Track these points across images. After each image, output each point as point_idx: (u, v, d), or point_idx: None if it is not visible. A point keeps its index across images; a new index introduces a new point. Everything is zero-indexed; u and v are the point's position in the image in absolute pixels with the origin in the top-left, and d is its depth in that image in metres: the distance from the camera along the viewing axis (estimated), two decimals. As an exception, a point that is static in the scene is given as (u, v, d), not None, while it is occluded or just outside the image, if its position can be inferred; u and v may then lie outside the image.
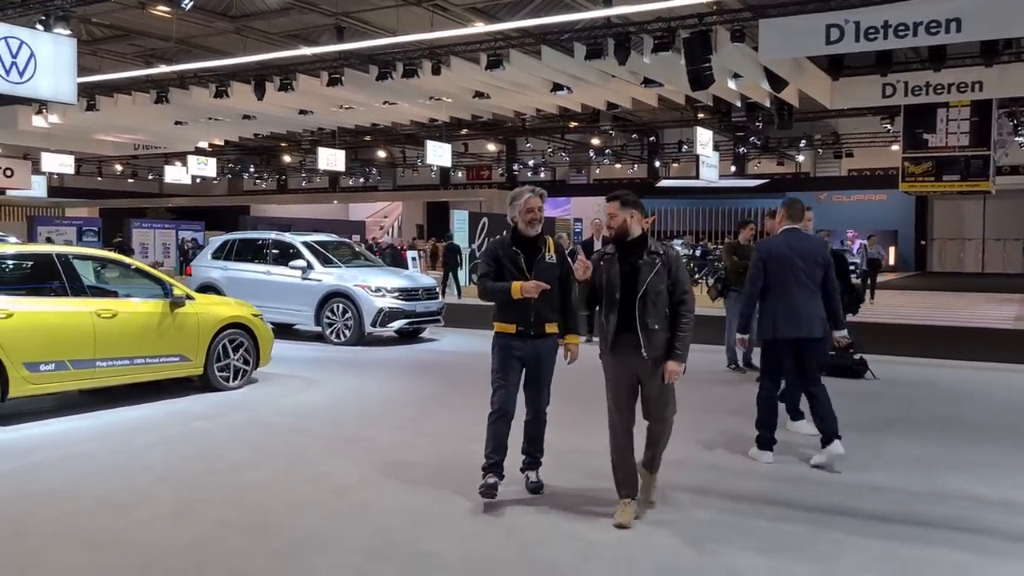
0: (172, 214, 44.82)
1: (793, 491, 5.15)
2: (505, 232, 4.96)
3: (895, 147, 27.06)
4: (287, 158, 41.91)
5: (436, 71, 16.70)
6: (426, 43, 16.56)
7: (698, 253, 25.88)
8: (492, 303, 4.91)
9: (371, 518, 4.57)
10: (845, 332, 5.87)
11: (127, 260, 8.08)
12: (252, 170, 44.29)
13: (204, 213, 42.33)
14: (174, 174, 34.22)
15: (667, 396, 4.52)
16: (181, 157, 33.03)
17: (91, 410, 7.21)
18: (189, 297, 7.79)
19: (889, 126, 27.42)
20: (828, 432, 5.57)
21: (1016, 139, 28.87)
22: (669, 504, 4.78)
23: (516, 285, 4.68)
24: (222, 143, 29.42)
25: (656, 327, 4.39)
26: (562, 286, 4.88)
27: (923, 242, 38.07)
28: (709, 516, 4.60)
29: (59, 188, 41.43)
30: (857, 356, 9.19)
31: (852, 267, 15.56)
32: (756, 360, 9.48)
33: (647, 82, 17.61)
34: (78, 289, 7.06)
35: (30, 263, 7.30)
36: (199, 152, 30.59)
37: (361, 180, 45.02)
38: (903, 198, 31.76)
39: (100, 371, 7.04)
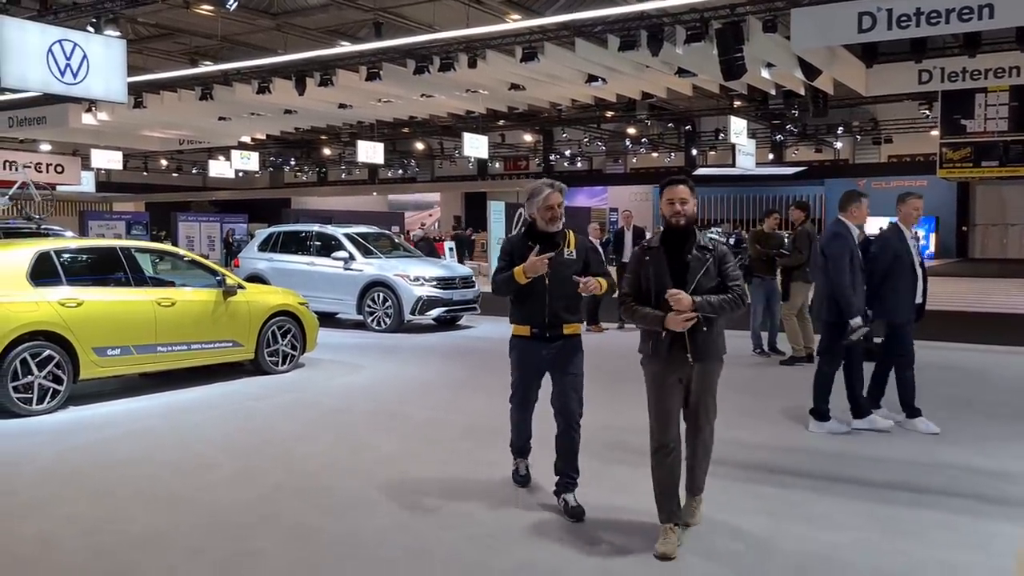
0: (216, 207, 45.79)
1: (798, 461, 5.51)
2: (522, 228, 4.81)
3: (934, 132, 26.85)
4: (327, 151, 42.60)
5: (472, 64, 16.99)
6: (463, 38, 16.87)
7: (732, 242, 25.98)
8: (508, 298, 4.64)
9: (411, 483, 5.00)
10: (858, 320, 6.02)
11: (183, 252, 8.60)
12: (293, 163, 45.11)
13: (247, 206, 43.21)
14: (218, 168, 35.02)
15: (710, 403, 4.14)
16: (224, 152, 33.82)
17: (152, 392, 7.74)
18: (240, 286, 8.30)
19: (928, 112, 27.21)
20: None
21: (1059, 123, 28.54)
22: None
23: (518, 269, 4.39)
24: (264, 137, 30.10)
25: (704, 328, 3.97)
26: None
27: (964, 228, 37.59)
28: (721, 483, 4.83)
29: (106, 183, 42.61)
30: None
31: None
32: (781, 345, 9.86)
33: (681, 72, 17.75)
34: (140, 280, 7.59)
35: (96, 256, 7.86)
36: (242, 147, 31.30)
37: (400, 172, 45.61)
38: (944, 184, 31.44)
39: (160, 355, 7.56)
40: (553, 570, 3.79)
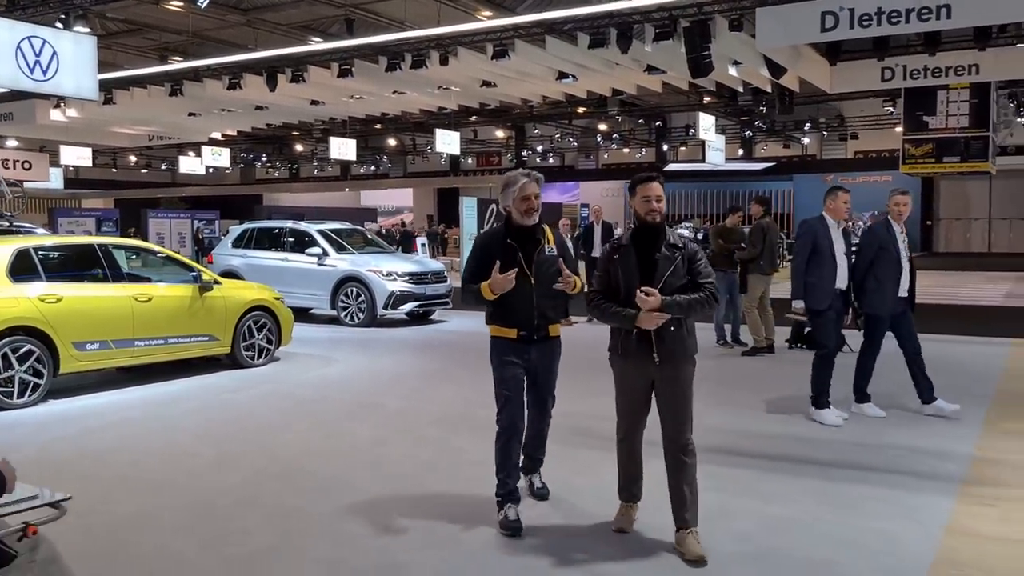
0: (186, 204, 45.48)
1: (752, 445, 5.82)
2: (494, 223, 4.78)
3: (898, 129, 27.36)
4: (299, 147, 42.49)
5: (444, 62, 17.07)
6: (434, 36, 16.97)
7: (700, 237, 26.36)
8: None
9: (386, 466, 5.23)
10: (799, 304, 6.50)
11: (158, 248, 8.72)
12: (264, 159, 44.92)
13: (217, 202, 42.95)
14: (188, 164, 34.80)
15: (685, 408, 3.99)
16: (195, 148, 33.62)
17: (130, 385, 7.88)
18: (216, 282, 8.45)
19: (892, 108, 27.70)
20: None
21: (1018, 119, 29.16)
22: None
23: (485, 285, 4.13)
24: (235, 133, 30.00)
25: (671, 328, 3.91)
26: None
27: (928, 223, 38.33)
28: None
29: (75, 180, 42.16)
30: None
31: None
32: (743, 336, 10.17)
33: (650, 69, 17.99)
34: (117, 276, 7.73)
35: (74, 253, 7.98)
36: (213, 143, 31.17)
37: (372, 168, 45.57)
38: (909, 179, 32.11)
39: (138, 350, 7.69)
40: (520, 539, 4.01)
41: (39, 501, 2.68)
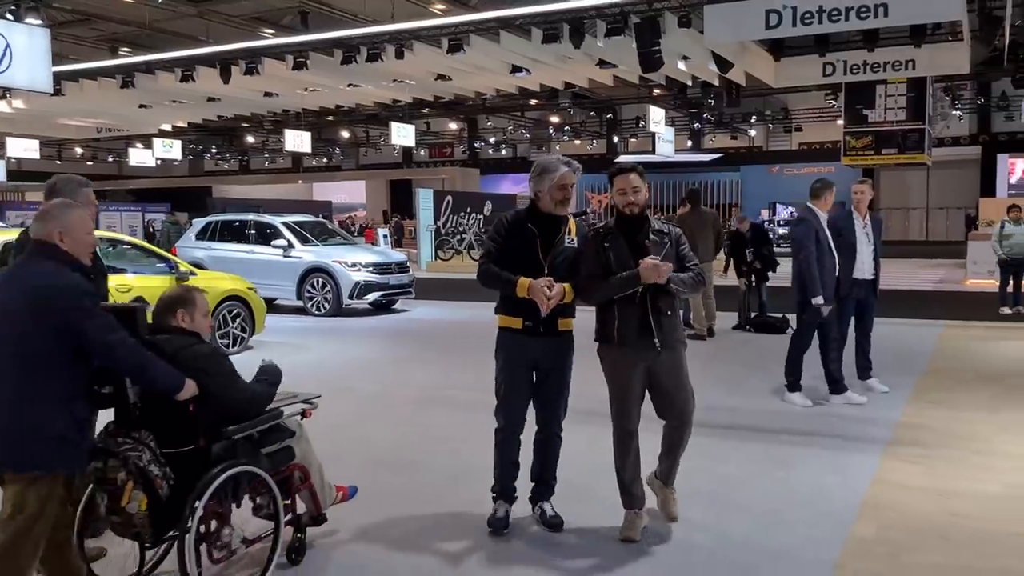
0: (133, 196, 44.83)
1: (705, 416, 6.18)
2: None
3: (840, 121, 28.26)
4: (250, 139, 42.17)
5: (399, 55, 17.09)
6: (390, 32, 17.14)
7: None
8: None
9: (368, 443, 5.61)
10: (819, 299, 6.54)
11: (136, 240, 8.92)
12: (214, 151, 44.47)
13: (166, 195, 42.45)
14: (138, 157, 34.37)
15: (684, 384, 4.03)
16: (143, 139, 33.22)
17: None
18: (191, 273, 8.69)
19: (833, 102, 28.56)
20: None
21: (954, 112, 30.36)
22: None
23: (524, 283, 3.85)
24: (185, 125, 29.73)
25: (669, 312, 3.94)
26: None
27: (879, 212, 39.54)
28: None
29: (16, 172, 41.26)
30: (780, 315, 10.50)
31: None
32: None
33: (602, 63, 18.39)
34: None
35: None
36: (164, 135, 30.86)
37: (324, 160, 45.41)
38: (851, 170, 33.11)
39: (115, 339, 7.86)
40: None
41: (304, 397, 3.99)
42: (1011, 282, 12.76)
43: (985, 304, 13.25)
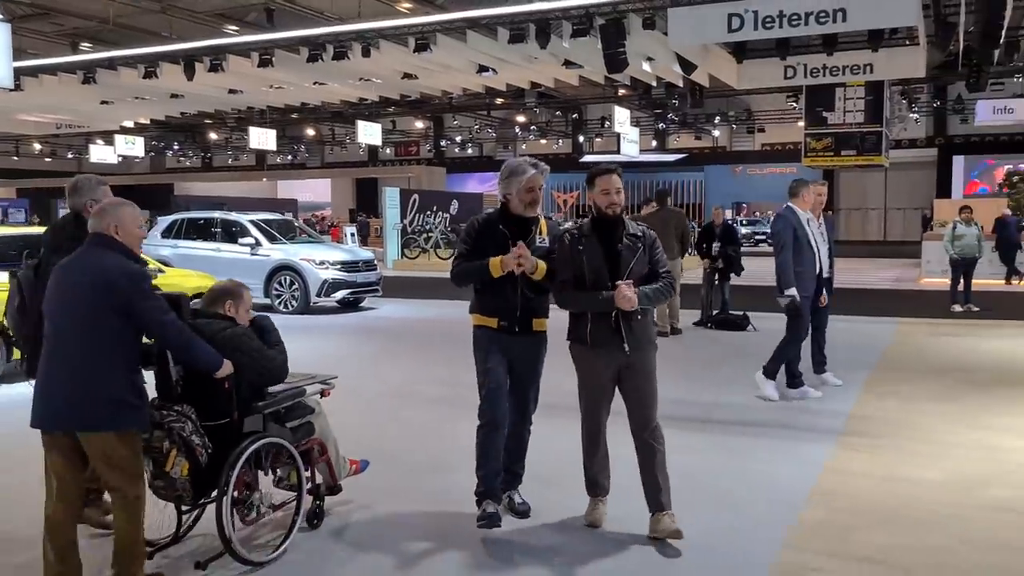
0: (93, 193, 44.11)
1: (664, 409, 6.47)
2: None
3: (801, 123, 28.76)
4: (213, 135, 41.78)
5: (366, 54, 17.02)
6: (356, 31, 17.14)
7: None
8: (465, 287, 4.25)
9: (348, 429, 5.65)
10: (791, 291, 6.78)
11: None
12: (176, 148, 43.99)
13: (126, 192, 41.37)
14: (99, 153, 33.93)
15: (650, 387, 4.09)
16: (105, 136, 32.80)
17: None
18: (159, 270, 8.71)
19: (795, 104, 29.07)
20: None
21: (911, 115, 31.05)
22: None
23: (495, 260, 3.97)
24: (147, 122, 29.42)
25: (639, 316, 4.00)
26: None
27: (830, 212, 40.20)
28: None
29: (-29, 168, 40.55)
30: (742, 312, 10.78)
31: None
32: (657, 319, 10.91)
33: (568, 64, 18.56)
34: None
35: (23, 242, 8.12)
36: (126, 131, 30.50)
37: (290, 158, 45.15)
38: (812, 170, 33.71)
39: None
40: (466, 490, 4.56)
41: (323, 378, 4.42)
42: (962, 281, 13.18)
43: (937, 302, 13.68)
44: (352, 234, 25.79)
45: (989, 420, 6.22)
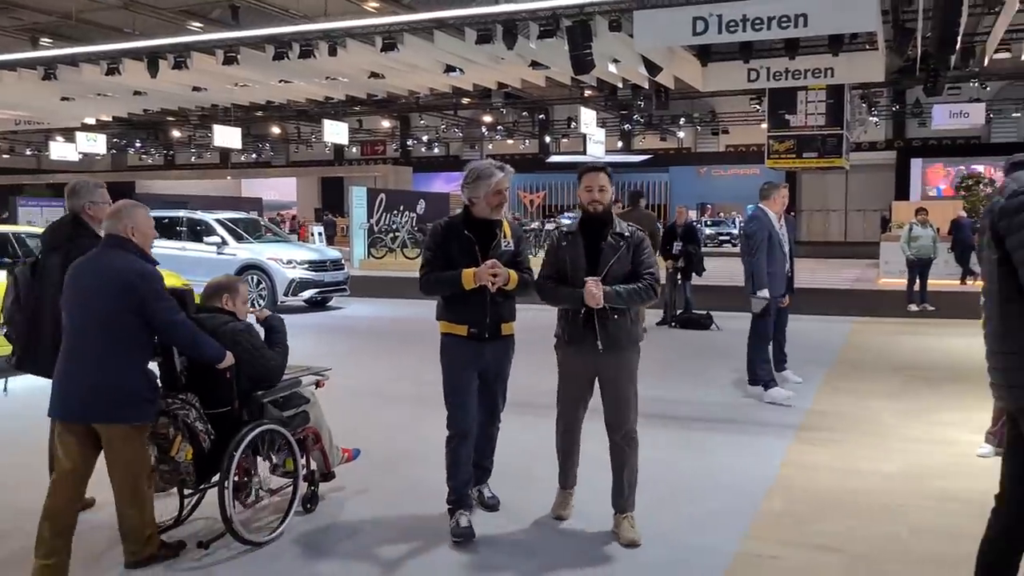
0: (51, 191, 43.44)
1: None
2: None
3: (764, 125, 29.17)
4: (176, 133, 41.31)
5: (333, 52, 16.90)
6: (323, 31, 17.05)
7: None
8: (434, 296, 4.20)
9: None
10: (764, 292, 6.93)
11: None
12: (138, 145, 43.41)
13: (88, 190, 41.08)
14: (60, 151, 33.38)
15: (628, 393, 4.07)
16: (65, 133, 32.30)
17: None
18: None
19: (758, 107, 29.48)
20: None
21: (871, 119, 31.63)
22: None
23: (468, 273, 3.93)
24: (109, 119, 29.03)
25: (614, 316, 3.97)
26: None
27: (792, 214, 40.80)
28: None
29: (-73, 165, 39.69)
30: (705, 311, 10.98)
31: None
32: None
33: (535, 64, 18.65)
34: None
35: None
36: (87, 128, 30.06)
37: (254, 156, 44.77)
38: (775, 172, 34.19)
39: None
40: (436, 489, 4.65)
41: (316, 370, 4.71)
42: (918, 281, 13.52)
43: (894, 302, 14.02)
44: (319, 233, 25.68)
45: (940, 415, 6.45)
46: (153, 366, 3.82)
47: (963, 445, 5.58)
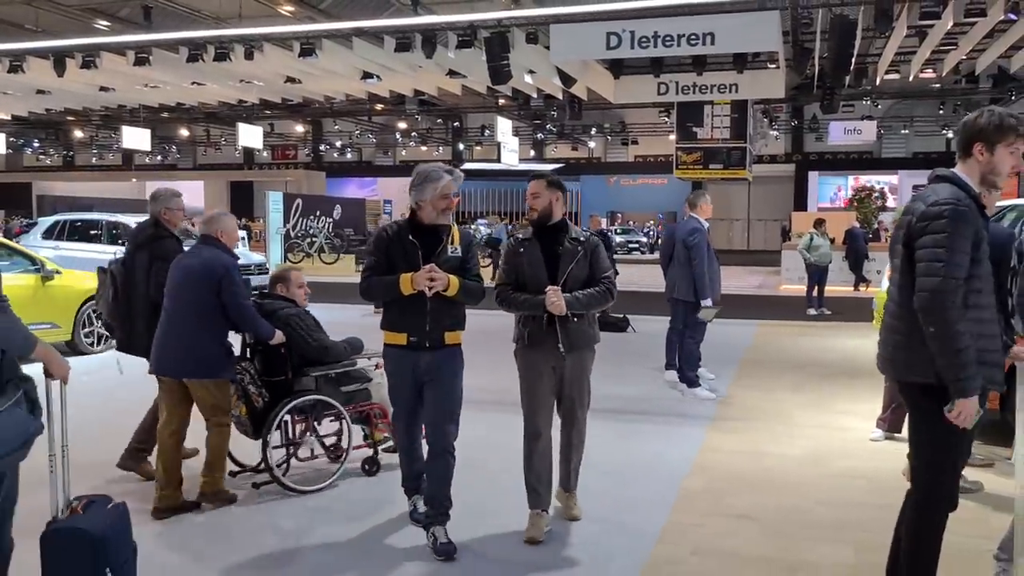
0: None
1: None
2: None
3: (672, 137, 30.14)
4: (78, 133, 39.83)
5: (249, 56, 16.64)
6: (239, 36, 16.83)
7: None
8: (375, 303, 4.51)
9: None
10: (708, 300, 7.42)
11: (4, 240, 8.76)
12: (36, 145, 41.67)
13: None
14: (-48, 150, 31.76)
15: (583, 390, 4.26)
16: (-41, 131, 30.85)
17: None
18: (57, 271, 8.62)
19: (667, 119, 30.40)
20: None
21: (772, 132, 33.09)
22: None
23: (406, 277, 3.81)
24: (8, 117, 27.90)
25: (575, 319, 4.05)
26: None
27: (698, 222, 42.10)
28: (501, 416, 5.97)
29: None
30: (621, 315, 11.49)
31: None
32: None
33: (452, 73, 18.91)
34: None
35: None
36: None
37: (160, 158, 43.54)
38: (682, 182, 35.27)
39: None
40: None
41: (369, 353, 5.30)
42: (816, 287, 14.41)
43: (794, 306, 14.89)
44: (244, 238, 25.31)
45: (837, 405, 7.12)
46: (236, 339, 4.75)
47: (857, 431, 6.19)
